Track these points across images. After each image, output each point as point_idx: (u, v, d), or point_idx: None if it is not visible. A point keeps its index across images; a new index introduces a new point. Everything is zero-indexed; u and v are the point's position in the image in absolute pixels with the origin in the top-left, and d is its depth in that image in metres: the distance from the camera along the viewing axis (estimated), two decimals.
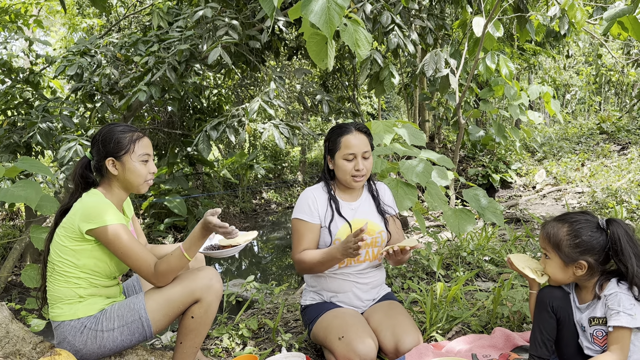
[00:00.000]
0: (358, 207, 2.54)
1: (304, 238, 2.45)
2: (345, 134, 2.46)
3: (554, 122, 17.82)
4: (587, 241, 1.81)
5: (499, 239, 4.89)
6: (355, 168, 2.42)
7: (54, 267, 2.04)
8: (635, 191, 6.40)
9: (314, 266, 2.39)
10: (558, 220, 1.89)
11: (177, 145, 8.79)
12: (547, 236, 1.87)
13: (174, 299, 2.02)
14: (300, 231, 2.46)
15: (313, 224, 2.45)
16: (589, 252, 1.81)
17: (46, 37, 13.96)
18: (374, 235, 2.49)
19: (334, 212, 2.47)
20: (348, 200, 2.54)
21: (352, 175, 2.44)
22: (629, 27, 3.69)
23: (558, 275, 1.87)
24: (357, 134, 2.46)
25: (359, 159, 2.43)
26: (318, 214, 2.46)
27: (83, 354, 2.03)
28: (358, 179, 2.46)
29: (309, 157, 17.20)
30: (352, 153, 2.42)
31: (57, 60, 6.74)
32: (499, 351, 2.28)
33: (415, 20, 6.23)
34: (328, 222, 2.45)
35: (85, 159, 2.17)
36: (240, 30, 5.20)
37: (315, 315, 2.45)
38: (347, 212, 2.50)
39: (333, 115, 8.64)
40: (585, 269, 1.82)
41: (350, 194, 2.56)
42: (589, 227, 1.83)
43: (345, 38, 2.53)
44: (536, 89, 7.18)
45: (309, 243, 2.44)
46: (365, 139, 2.47)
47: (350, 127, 2.48)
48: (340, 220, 2.46)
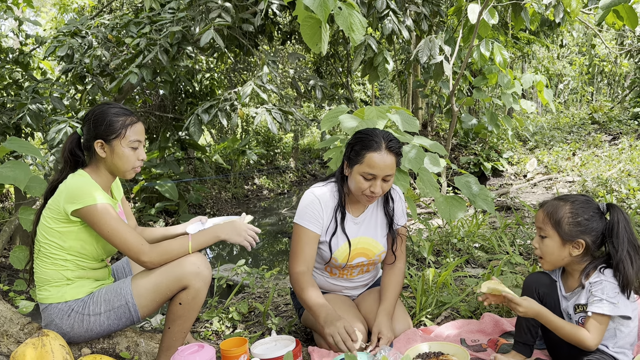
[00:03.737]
0: (362, 221, 2.34)
1: (304, 250, 2.24)
2: (372, 150, 2.12)
3: (546, 111, 17.87)
4: (588, 220, 1.83)
5: (490, 226, 4.92)
6: (372, 189, 2.14)
7: (40, 248, 2.02)
8: (625, 181, 6.45)
9: (304, 304, 2.22)
10: (559, 200, 1.90)
11: (169, 129, 8.73)
12: (547, 214, 1.87)
13: (161, 285, 1.98)
14: (302, 240, 2.25)
15: (315, 234, 2.26)
16: (587, 232, 1.82)
17: (36, 17, 13.74)
18: (373, 257, 2.36)
19: (337, 225, 2.27)
20: (354, 213, 2.33)
21: (365, 194, 2.18)
22: (624, 16, 3.68)
23: (554, 255, 1.87)
24: (386, 154, 2.11)
25: (378, 181, 2.14)
26: (322, 224, 2.26)
27: (70, 336, 2.02)
28: (370, 200, 2.22)
29: (301, 143, 17.16)
30: (373, 174, 2.12)
31: (48, 41, 6.65)
32: (488, 336, 2.30)
33: (410, 6, 6.19)
34: (330, 235, 2.26)
35: (76, 135, 2.12)
36: (233, 13, 5.14)
37: None
38: (350, 227, 2.30)
39: (326, 102, 8.61)
40: (581, 249, 1.83)
41: (357, 206, 2.35)
42: (590, 208, 1.85)
43: (339, 22, 2.51)
44: (529, 78, 7.18)
45: (306, 258, 2.24)
46: (394, 160, 2.13)
47: (381, 143, 2.12)
48: (342, 236, 2.28)
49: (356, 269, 2.40)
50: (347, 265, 2.34)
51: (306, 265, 2.24)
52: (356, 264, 2.36)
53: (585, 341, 1.76)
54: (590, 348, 1.77)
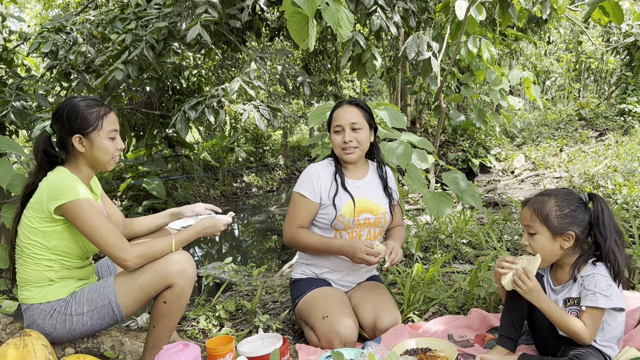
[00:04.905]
0: (363, 185, 2.51)
1: (299, 213, 2.43)
2: (337, 108, 2.48)
3: (533, 108, 17.98)
4: (574, 211, 1.84)
5: (477, 222, 4.93)
6: (343, 140, 2.40)
7: (22, 249, 1.97)
8: (611, 176, 6.50)
9: (307, 248, 2.41)
10: (542, 195, 1.90)
11: (156, 126, 8.67)
12: (535, 211, 1.87)
13: (145, 284, 1.95)
14: (298, 206, 2.44)
15: (311, 202, 2.42)
16: (576, 223, 1.83)
17: (20, 13, 13.56)
18: (378, 215, 2.47)
19: (339, 186, 2.44)
20: (353, 178, 2.51)
21: (342, 148, 2.42)
22: (610, 12, 3.70)
23: (545, 250, 1.86)
24: (347, 107, 2.45)
25: (346, 131, 2.40)
26: (320, 191, 2.43)
27: (53, 337, 1.98)
28: (348, 152, 2.42)
29: (290, 140, 17.12)
30: (339, 125, 2.42)
31: (32, 37, 6.56)
32: (475, 332, 2.30)
33: (398, 2, 6.18)
34: (332, 195, 2.42)
35: (46, 134, 2.05)
36: (220, 9, 5.10)
37: (303, 290, 2.44)
38: (351, 188, 2.46)
39: (315, 98, 8.58)
40: (572, 240, 1.84)
41: (355, 172, 2.53)
42: (574, 199, 1.86)
43: (326, 17, 2.49)
44: (517, 75, 7.20)
45: (303, 220, 2.43)
46: (357, 111, 2.43)
47: (343, 101, 2.50)
48: (344, 194, 2.43)
49: (364, 230, 2.46)
50: (355, 223, 2.42)
51: (300, 226, 2.43)
52: (363, 220, 2.44)
53: (581, 334, 1.76)
54: (585, 342, 1.77)
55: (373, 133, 2.52)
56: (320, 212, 2.45)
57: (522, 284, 1.81)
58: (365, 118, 2.44)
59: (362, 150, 2.45)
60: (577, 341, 1.79)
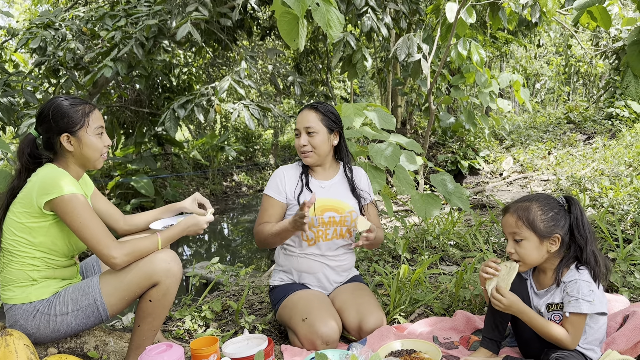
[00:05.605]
0: (330, 185, 2.54)
1: (266, 212, 2.49)
2: (299, 111, 2.53)
3: (523, 110, 18.09)
4: (557, 214, 1.85)
5: (465, 224, 4.95)
6: (300, 143, 2.46)
7: (7, 246, 1.95)
8: (598, 179, 6.56)
9: (269, 237, 2.40)
10: (522, 202, 1.90)
11: (145, 124, 8.61)
12: (519, 217, 1.86)
13: (130, 282, 1.94)
14: (265, 207, 2.51)
15: (277, 201, 2.48)
16: (560, 226, 1.85)
17: (9, 8, 13.42)
18: (344, 214, 2.47)
19: (303, 186, 2.49)
20: (320, 179, 2.55)
21: (300, 151, 2.48)
22: (597, 17, 3.74)
23: (533, 255, 1.87)
24: (305, 111, 2.49)
25: (302, 135, 2.46)
26: (285, 191, 2.48)
27: (36, 337, 1.96)
28: (304, 155, 2.48)
29: (281, 140, 17.10)
30: (297, 128, 2.49)
31: (20, 32, 6.49)
32: (460, 334, 2.31)
33: (390, 4, 6.20)
34: (297, 194, 2.47)
35: (31, 137, 2.04)
36: (210, 7, 5.08)
37: (282, 296, 2.45)
38: (316, 188, 2.51)
39: (306, 98, 8.59)
40: (558, 243, 1.85)
41: (323, 173, 2.56)
42: (554, 202, 1.88)
43: (316, 18, 2.49)
44: (506, 77, 7.26)
45: (270, 219, 2.47)
46: (314, 115, 2.46)
47: (306, 105, 2.53)
48: (308, 194, 2.46)
49: (330, 228, 2.45)
50: (319, 221, 2.42)
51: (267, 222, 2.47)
52: (328, 219, 2.44)
53: (564, 341, 1.78)
54: (569, 347, 1.79)
55: (338, 136, 2.53)
56: (287, 212, 2.50)
57: (498, 303, 1.83)
58: (323, 122, 2.45)
59: (317, 154, 2.48)
60: (561, 348, 1.81)
